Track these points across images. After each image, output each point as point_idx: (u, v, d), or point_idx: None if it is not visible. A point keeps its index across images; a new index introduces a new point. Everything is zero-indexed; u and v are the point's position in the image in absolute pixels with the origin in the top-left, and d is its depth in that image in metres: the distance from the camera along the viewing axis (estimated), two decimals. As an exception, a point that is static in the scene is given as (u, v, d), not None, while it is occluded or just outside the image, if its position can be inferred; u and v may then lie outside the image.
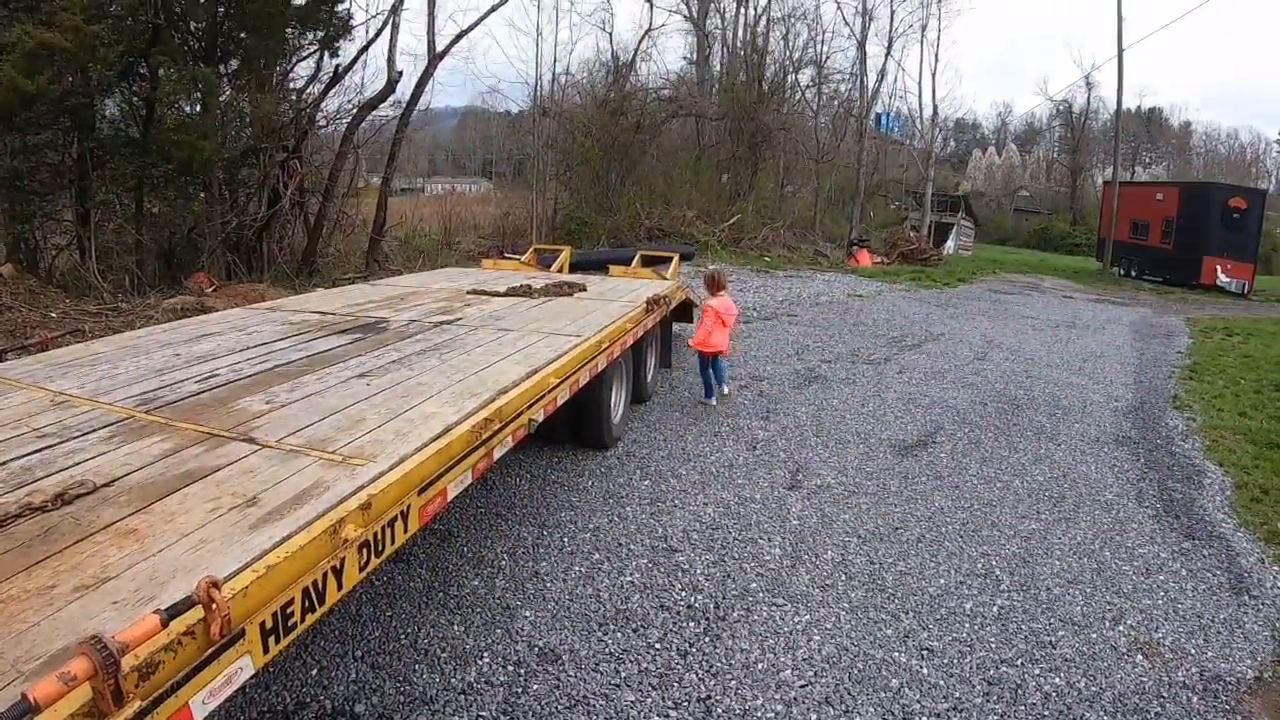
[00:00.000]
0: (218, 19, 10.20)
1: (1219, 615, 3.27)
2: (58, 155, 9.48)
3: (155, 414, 2.72)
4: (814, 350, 8.30)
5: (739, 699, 2.54)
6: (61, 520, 1.87)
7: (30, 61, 7.81)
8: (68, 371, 3.30)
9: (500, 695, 2.51)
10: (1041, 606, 3.24)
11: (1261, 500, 4.60)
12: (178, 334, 4.15)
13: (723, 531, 3.77)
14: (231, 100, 10.57)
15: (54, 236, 10.28)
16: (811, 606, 3.13)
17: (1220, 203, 19.66)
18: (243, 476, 2.12)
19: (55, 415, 2.68)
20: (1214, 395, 7.28)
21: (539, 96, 19.56)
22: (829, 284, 14.16)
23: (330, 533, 1.75)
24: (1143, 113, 52.02)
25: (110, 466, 2.21)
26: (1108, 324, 12.06)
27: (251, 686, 2.54)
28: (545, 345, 3.73)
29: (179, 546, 1.73)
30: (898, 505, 4.22)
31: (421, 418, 2.54)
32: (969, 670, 2.77)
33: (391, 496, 1.98)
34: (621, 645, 2.79)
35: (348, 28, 11.62)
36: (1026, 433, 5.71)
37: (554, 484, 4.27)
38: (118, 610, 1.47)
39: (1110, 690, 2.71)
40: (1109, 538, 3.97)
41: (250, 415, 2.68)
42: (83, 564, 1.65)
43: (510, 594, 3.11)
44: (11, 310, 8.07)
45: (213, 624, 1.39)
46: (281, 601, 1.59)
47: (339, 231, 13.41)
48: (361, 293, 5.81)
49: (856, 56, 23.19)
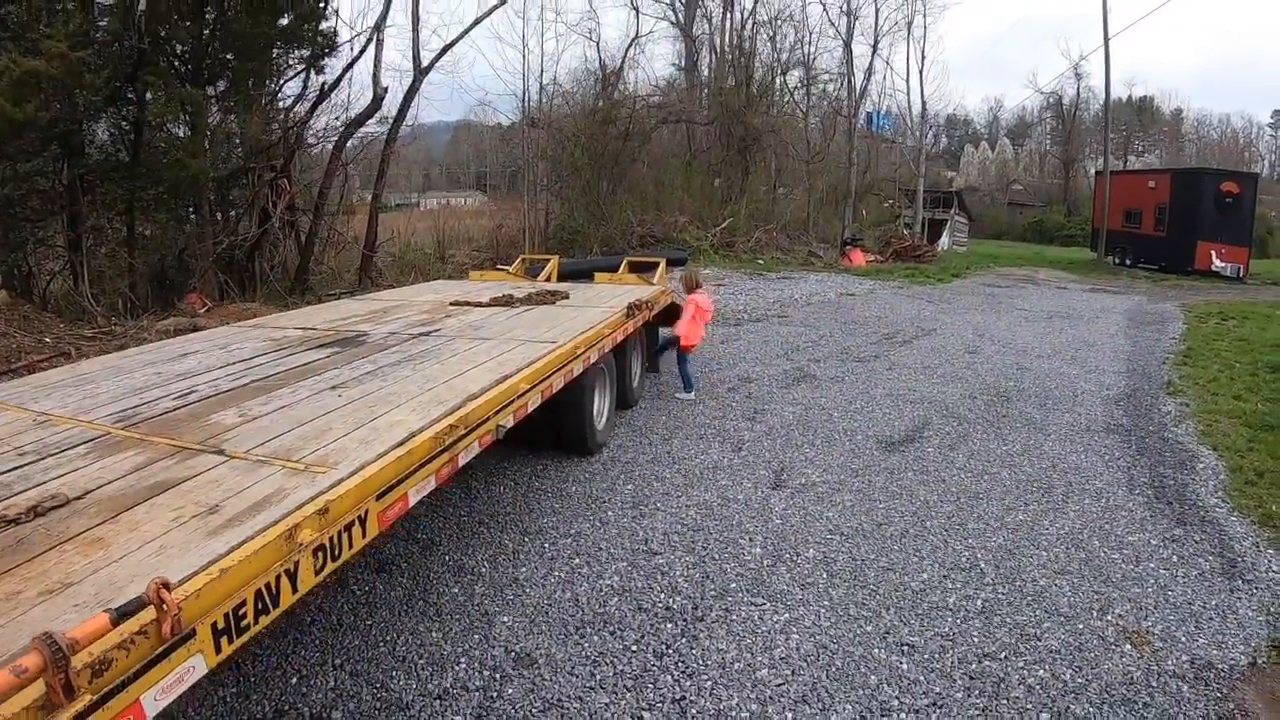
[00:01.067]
0: (203, 41, 10.29)
1: (1211, 602, 3.23)
2: (48, 182, 9.54)
3: (131, 430, 2.74)
4: (804, 350, 8.29)
5: (714, 699, 2.52)
6: (34, 531, 1.94)
7: (18, 89, 7.88)
8: (52, 392, 3.34)
9: (476, 700, 2.50)
10: (1027, 598, 3.22)
11: (1256, 483, 4.56)
12: (161, 353, 4.18)
13: (704, 533, 3.75)
14: (219, 121, 10.65)
15: (47, 262, 10.35)
16: (791, 605, 3.11)
17: (1213, 188, 19.66)
18: (208, 486, 2.15)
19: (36, 434, 2.73)
20: (1208, 380, 7.25)
21: (527, 108, 19.68)
22: (822, 284, 14.17)
23: (285, 537, 1.76)
24: (1133, 102, 52.15)
25: (84, 480, 2.26)
26: (1102, 313, 12.04)
27: (231, 696, 2.55)
28: (519, 352, 3.74)
29: (140, 553, 1.79)
30: (882, 501, 4.20)
31: (387, 426, 2.54)
32: (950, 665, 2.75)
33: (349, 502, 1.99)
34: (598, 648, 2.78)
35: (333, 45, 11.71)
36: (1016, 424, 5.69)
37: (537, 490, 4.27)
38: (77, 612, 1.53)
39: (1097, 681, 2.68)
40: (1098, 527, 3.94)
41: (222, 428, 2.70)
42: (49, 571, 1.72)
43: (489, 600, 3.10)
44: (6, 337, 8.12)
45: (164, 623, 1.44)
46: (234, 603, 1.62)
47: (331, 249, 13.47)
48: (346, 307, 5.83)
49: (843, 56, 23.30)
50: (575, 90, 21.08)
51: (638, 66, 27.10)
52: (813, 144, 22.99)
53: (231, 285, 11.10)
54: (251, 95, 11.00)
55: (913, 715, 2.47)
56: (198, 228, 10.96)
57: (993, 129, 62.16)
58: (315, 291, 11.41)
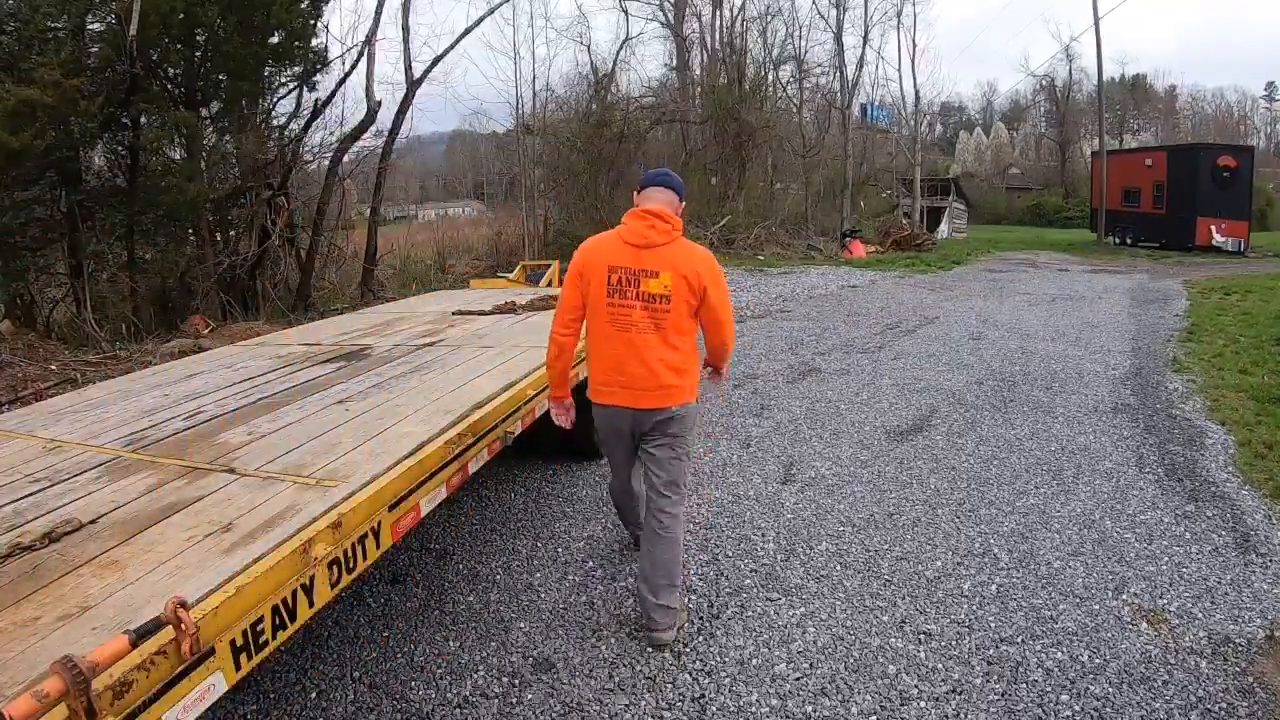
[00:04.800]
0: (195, 63, 10.34)
1: (1226, 576, 3.22)
2: (46, 209, 9.60)
3: (142, 452, 2.76)
4: (808, 344, 8.29)
5: (733, 696, 2.52)
6: (49, 557, 1.95)
7: (13, 118, 7.95)
8: (60, 418, 3.36)
9: (495, 706, 2.51)
10: (1041, 581, 3.21)
11: (1266, 456, 4.54)
12: (168, 375, 4.20)
13: (716, 530, 3.75)
14: (215, 142, 10.70)
15: (49, 290, 10.42)
16: (806, 598, 3.11)
17: (1209, 163, 19.61)
18: (220, 505, 2.16)
19: (47, 460, 2.75)
20: (1214, 355, 7.23)
21: (521, 115, 19.72)
22: (823, 277, 14.16)
23: (300, 552, 1.77)
24: (1126, 81, 52.01)
25: (97, 504, 2.27)
26: (1104, 293, 12.00)
27: (252, 714, 2.56)
28: (524, 359, 3.74)
29: (156, 574, 1.80)
30: (893, 491, 4.20)
31: (396, 438, 2.55)
32: (968, 651, 2.74)
33: (362, 514, 2.00)
34: (615, 650, 2.78)
35: (324, 62, 11.77)
36: (1023, 408, 5.68)
37: (549, 496, 4.27)
38: (95, 635, 1.54)
39: (1115, 661, 2.67)
40: (1109, 507, 3.93)
41: (232, 447, 2.71)
42: (66, 595, 1.73)
43: (505, 607, 3.11)
44: (11, 366, 8.17)
45: (183, 643, 1.45)
46: (251, 619, 1.63)
47: (332, 264, 13.52)
48: (349, 321, 5.85)
49: (834, 49, 23.30)
50: (569, 95, 21.14)
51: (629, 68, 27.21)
52: (808, 138, 22.99)
53: (234, 305, 11.15)
54: (245, 115, 11.06)
55: (932, 703, 2.47)
56: (198, 249, 11.01)
57: (987, 114, 62.12)
58: (318, 307, 11.46)
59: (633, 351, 2.65)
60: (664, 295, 2.61)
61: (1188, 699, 2.46)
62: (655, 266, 2.61)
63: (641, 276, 2.62)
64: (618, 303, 2.64)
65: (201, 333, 9.46)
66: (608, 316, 2.66)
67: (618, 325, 2.65)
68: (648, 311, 2.62)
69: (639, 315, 2.63)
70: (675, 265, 2.62)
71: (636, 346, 2.64)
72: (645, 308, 2.62)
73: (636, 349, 2.64)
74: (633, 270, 2.62)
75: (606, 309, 2.65)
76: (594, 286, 2.66)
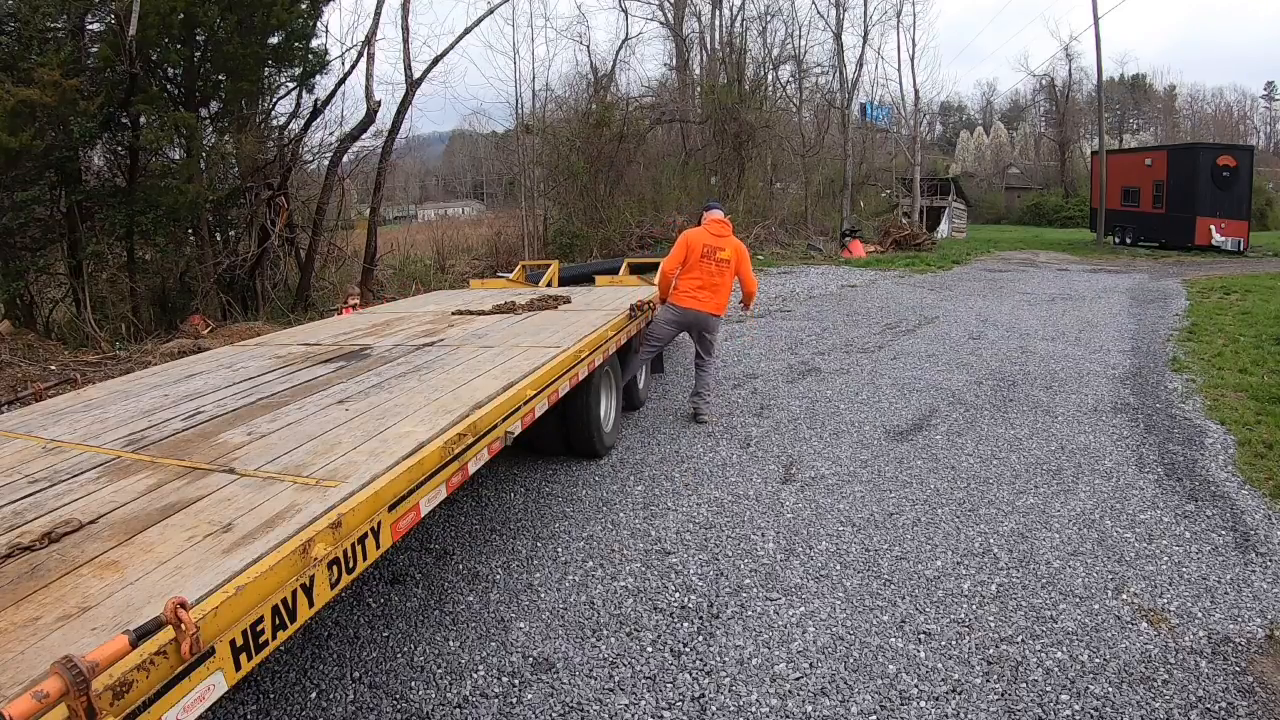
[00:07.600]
0: (194, 63, 10.34)
1: (1225, 576, 3.22)
2: (46, 210, 9.61)
3: (141, 453, 2.75)
4: (807, 343, 8.29)
5: (733, 695, 2.52)
6: (49, 557, 1.94)
7: (13, 119, 7.95)
8: (60, 419, 3.35)
9: (495, 706, 2.51)
10: (1041, 581, 3.21)
11: (1266, 455, 4.54)
12: (167, 375, 4.19)
13: (716, 530, 3.76)
14: (214, 142, 10.70)
15: (49, 290, 10.43)
16: (806, 598, 3.11)
17: (1209, 162, 19.60)
18: (220, 505, 2.15)
19: (47, 461, 2.74)
20: (1213, 354, 7.23)
21: (521, 114, 19.72)
22: (823, 277, 14.17)
23: (300, 552, 1.77)
24: (1126, 80, 52.02)
25: (96, 504, 2.27)
26: (1104, 293, 12.00)
27: (252, 714, 2.56)
28: (524, 359, 3.74)
29: (156, 574, 1.79)
30: (892, 491, 4.20)
31: (396, 438, 2.55)
32: (968, 651, 2.74)
33: (362, 515, 1.99)
34: (615, 650, 2.78)
35: (324, 62, 11.76)
36: (1023, 408, 5.68)
37: (548, 496, 4.27)
38: (95, 635, 1.54)
39: (1115, 661, 2.67)
40: (1109, 506, 3.93)
41: (231, 447, 2.70)
42: (66, 596, 1.72)
43: (505, 607, 3.11)
44: (11, 366, 8.16)
45: (183, 643, 1.44)
46: (251, 620, 1.62)
47: (331, 264, 13.52)
48: (349, 321, 5.84)
49: (833, 48, 23.29)
50: (568, 95, 21.15)
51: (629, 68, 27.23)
52: (807, 138, 22.99)
53: (233, 305, 11.15)
54: (245, 115, 11.06)
55: (932, 702, 2.47)
56: (197, 249, 11.02)
57: (987, 114, 62.10)
58: (317, 308, 11.46)
59: (709, 284, 5.32)
60: (727, 260, 5.36)
61: (1188, 699, 2.46)
62: (723, 246, 5.34)
63: (717, 250, 5.33)
64: (706, 262, 5.31)
65: (201, 333, 9.46)
66: (700, 269, 5.30)
67: (705, 271, 5.31)
68: (718, 267, 5.33)
69: (713, 268, 5.32)
70: (734, 246, 5.41)
71: (712, 282, 5.32)
72: (717, 265, 5.32)
73: (712, 283, 5.32)
74: (712, 247, 5.33)
75: (700, 264, 5.31)
76: (692, 253, 5.31)
